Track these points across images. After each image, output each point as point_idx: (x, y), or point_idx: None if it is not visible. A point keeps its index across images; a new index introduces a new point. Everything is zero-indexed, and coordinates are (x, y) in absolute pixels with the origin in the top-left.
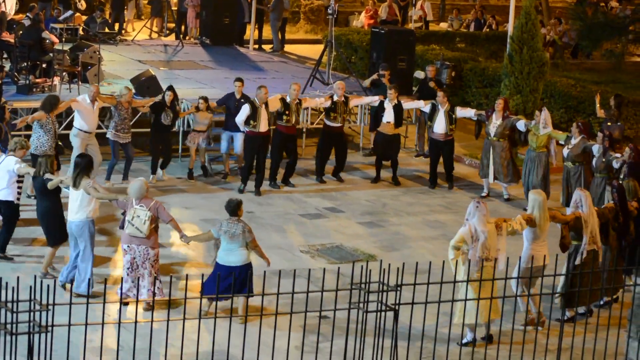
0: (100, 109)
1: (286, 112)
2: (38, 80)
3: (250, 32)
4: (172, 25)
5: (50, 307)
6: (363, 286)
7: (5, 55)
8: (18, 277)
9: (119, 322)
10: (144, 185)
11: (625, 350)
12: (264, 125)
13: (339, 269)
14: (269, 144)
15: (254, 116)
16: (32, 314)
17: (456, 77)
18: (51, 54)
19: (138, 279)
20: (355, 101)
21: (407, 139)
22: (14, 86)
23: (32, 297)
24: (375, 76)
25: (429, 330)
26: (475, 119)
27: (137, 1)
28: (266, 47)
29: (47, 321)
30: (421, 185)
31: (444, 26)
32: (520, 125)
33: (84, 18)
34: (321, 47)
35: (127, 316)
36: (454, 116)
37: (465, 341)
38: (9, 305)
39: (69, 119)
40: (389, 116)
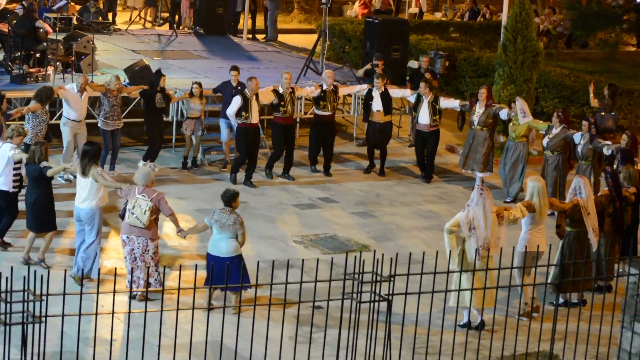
0: (92, 98)
1: (281, 102)
2: (32, 70)
3: (244, 22)
4: (166, 14)
5: (44, 298)
6: (356, 276)
7: None
8: (12, 268)
9: (112, 313)
10: (150, 172)
11: (618, 341)
12: (255, 117)
13: (332, 259)
14: (259, 135)
15: (245, 107)
16: (25, 304)
17: (450, 67)
18: (45, 44)
19: (132, 269)
20: (344, 90)
21: (401, 129)
22: (7, 76)
23: (26, 288)
24: (368, 66)
25: (422, 321)
26: (459, 110)
27: None
28: (260, 37)
29: (40, 312)
30: (415, 175)
31: (438, 16)
32: (503, 114)
33: (77, 7)
34: (315, 36)
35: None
36: (437, 107)
37: (462, 323)
38: (3, 295)
39: (62, 109)
40: (377, 104)
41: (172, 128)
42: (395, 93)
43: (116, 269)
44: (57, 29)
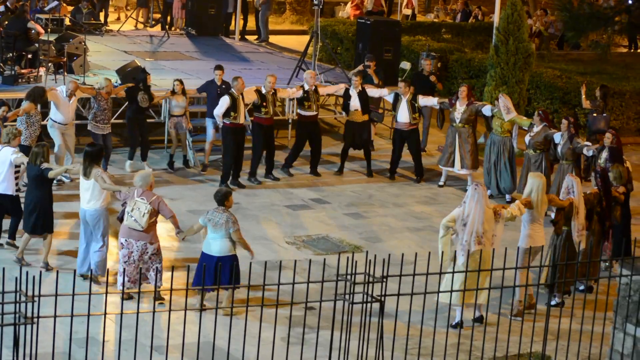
0: (82, 99)
1: (263, 103)
2: (23, 71)
3: (235, 23)
4: (158, 15)
5: (36, 299)
6: (349, 277)
7: None
8: (3, 269)
9: (105, 314)
10: (149, 176)
11: (610, 341)
12: (243, 117)
13: (324, 260)
14: (245, 136)
15: (234, 107)
16: (17, 305)
17: (442, 68)
18: (37, 45)
19: (124, 270)
20: (323, 90)
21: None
22: None
23: (18, 289)
24: (360, 67)
25: (414, 322)
26: (438, 107)
27: None
28: (251, 38)
29: (32, 312)
30: (407, 177)
31: (430, 17)
32: (487, 110)
33: (69, 8)
34: (307, 38)
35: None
36: (416, 105)
37: (455, 323)
38: None
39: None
40: (355, 104)
41: (165, 128)
42: (372, 92)
43: (108, 270)
44: (49, 30)
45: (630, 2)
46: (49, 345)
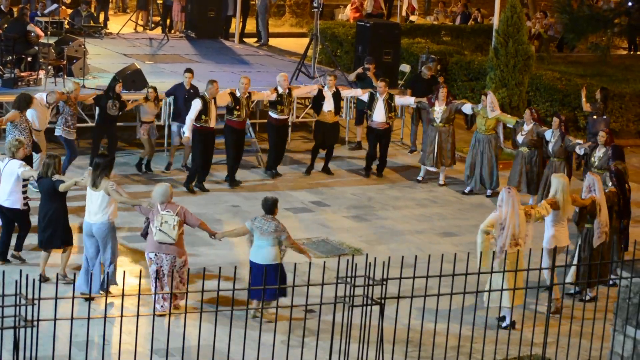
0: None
1: (237, 107)
2: (23, 74)
3: (235, 26)
4: (158, 18)
5: (36, 302)
6: (349, 280)
7: None
8: (3, 272)
9: (105, 317)
10: (168, 189)
11: (610, 344)
12: (213, 121)
13: (324, 263)
14: (214, 140)
15: (205, 111)
16: (17, 308)
17: (442, 71)
18: (36, 48)
19: (167, 285)
20: (297, 92)
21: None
22: None
23: (18, 292)
24: (360, 70)
25: (415, 325)
26: (414, 107)
27: None
28: (250, 41)
29: (32, 316)
30: (407, 179)
31: (429, 19)
32: (467, 108)
33: (69, 11)
34: (307, 40)
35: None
36: (392, 104)
37: (505, 324)
38: None
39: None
40: (329, 105)
41: (164, 132)
42: (347, 93)
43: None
44: (49, 32)
45: (630, 4)
46: (49, 348)
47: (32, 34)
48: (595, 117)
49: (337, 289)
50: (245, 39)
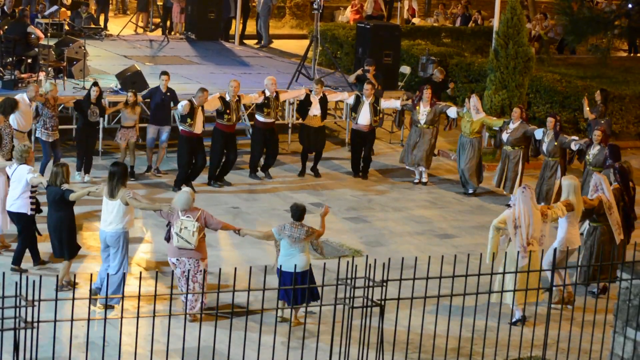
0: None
1: (227, 110)
2: (23, 76)
3: (235, 27)
4: (158, 20)
5: (36, 303)
6: (349, 282)
7: None
8: (3, 273)
9: (105, 318)
10: (190, 197)
11: (611, 346)
12: (199, 127)
13: (324, 264)
14: (202, 144)
15: (191, 115)
16: (17, 310)
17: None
18: (36, 49)
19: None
20: (284, 95)
21: (393, 134)
22: None
23: (18, 294)
24: (360, 71)
25: (415, 326)
26: (399, 109)
27: None
28: (250, 42)
29: (32, 317)
30: (407, 181)
31: (429, 21)
32: (452, 112)
33: (69, 13)
34: (307, 42)
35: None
36: (378, 108)
37: (515, 320)
38: None
39: None
40: (316, 109)
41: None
42: (333, 97)
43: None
44: (49, 34)
45: (630, 6)
46: (49, 350)
47: (33, 35)
48: (602, 120)
49: (337, 291)
50: (246, 41)
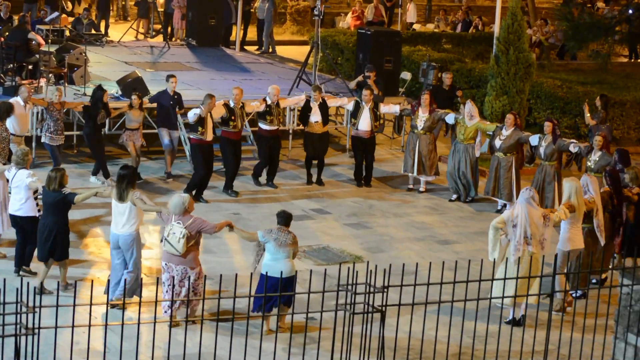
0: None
1: (232, 117)
2: (24, 82)
3: (236, 34)
4: (159, 26)
5: (37, 310)
6: (350, 288)
7: None
8: (4, 280)
9: (105, 325)
10: (183, 201)
11: (612, 351)
12: (210, 134)
13: (325, 270)
14: (213, 152)
15: (201, 123)
16: (18, 316)
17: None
18: (37, 56)
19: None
20: (284, 102)
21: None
22: (0, 87)
23: (19, 300)
24: (360, 77)
25: (416, 332)
26: (398, 115)
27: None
28: (251, 48)
29: (33, 323)
30: (407, 187)
31: (430, 27)
32: (450, 118)
33: (70, 19)
34: (307, 48)
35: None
36: (378, 113)
37: (508, 320)
38: None
39: None
40: (316, 116)
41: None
42: (333, 103)
43: (109, 280)
44: (50, 40)
45: (630, 12)
46: (50, 356)
47: (34, 42)
48: (603, 126)
49: (338, 297)
50: (246, 47)
